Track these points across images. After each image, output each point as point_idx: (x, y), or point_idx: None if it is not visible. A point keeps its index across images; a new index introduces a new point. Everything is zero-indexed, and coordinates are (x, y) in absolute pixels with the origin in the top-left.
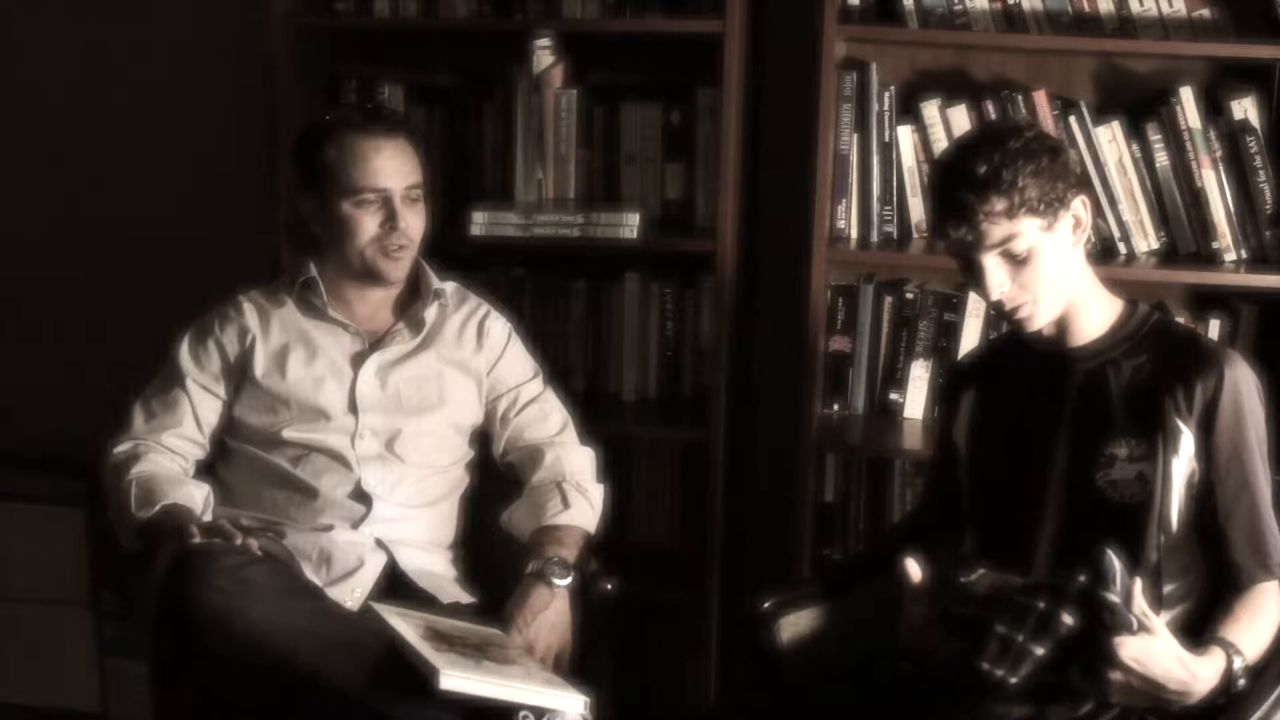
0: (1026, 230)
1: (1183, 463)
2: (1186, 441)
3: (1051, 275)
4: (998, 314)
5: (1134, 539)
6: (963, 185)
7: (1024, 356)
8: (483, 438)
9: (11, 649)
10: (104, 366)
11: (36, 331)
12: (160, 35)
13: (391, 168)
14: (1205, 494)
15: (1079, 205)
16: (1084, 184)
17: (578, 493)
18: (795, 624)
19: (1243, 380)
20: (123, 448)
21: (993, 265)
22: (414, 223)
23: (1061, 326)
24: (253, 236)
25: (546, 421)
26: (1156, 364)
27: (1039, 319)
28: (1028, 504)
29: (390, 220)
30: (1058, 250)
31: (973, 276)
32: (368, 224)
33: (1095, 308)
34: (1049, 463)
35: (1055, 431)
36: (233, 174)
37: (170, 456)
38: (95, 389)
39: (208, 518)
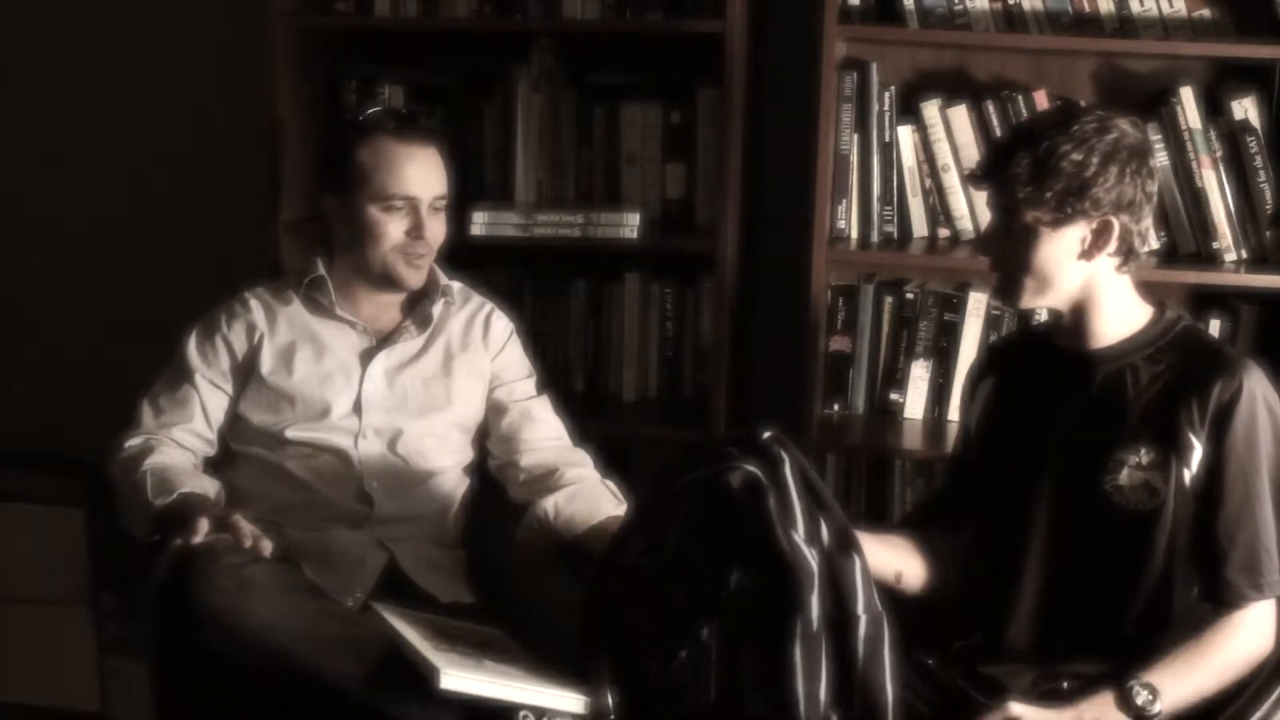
0: (1026, 213)
1: (1193, 474)
2: (1197, 455)
3: (1040, 268)
4: None
5: (1139, 547)
6: (1013, 135)
7: (1046, 353)
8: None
9: (11, 649)
10: (104, 366)
11: (37, 331)
12: (160, 35)
13: (423, 176)
14: (1207, 506)
15: (1104, 227)
16: (1127, 209)
17: (613, 495)
18: None
19: (1261, 395)
20: (134, 442)
21: (993, 221)
22: (437, 231)
23: (1078, 326)
24: (253, 236)
25: (543, 423)
26: (1176, 372)
27: (1016, 298)
28: (1028, 500)
29: (416, 229)
30: (1057, 251)
31: None
32: (393, 230)
33: (1116, 313)
34: (1055, 461)
35: (1067, 431)
36: (233, 174)
37: (181, 451)
38: (95, 389)
39: None
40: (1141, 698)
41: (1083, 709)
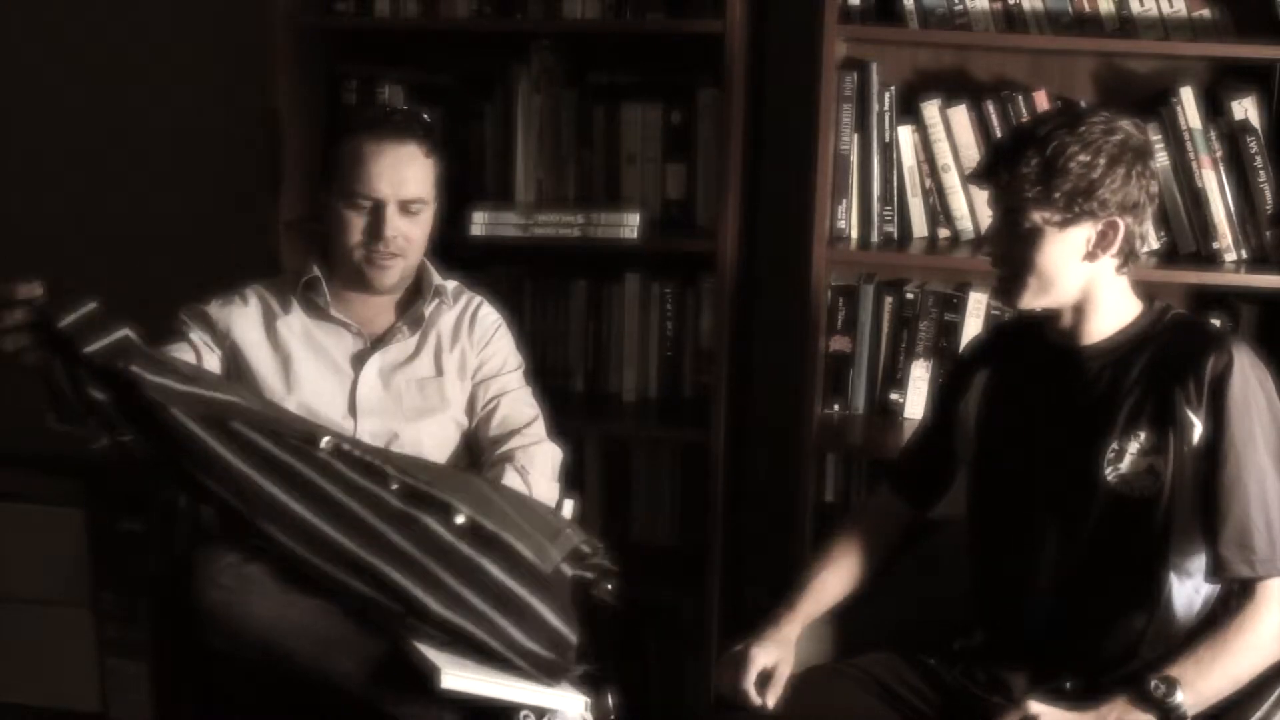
0: (1032, 214)
1: (1193, 449)
2: (1197, 431)
3: (1044, 268)
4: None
5: (1146, 532)
6: (1020, 135)
7: (1039, 346)
8: None
9: (11, 649)
10: None
11: None
12: (160, 35)
13: (389, 176)
14: (1206, 483)
15: (1109, 228)
16: (1132, 210)
17: (516, 474)
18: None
19: (1251, 368)
20: None
21: (996, 221)
22: (409, 232)
23: (1074, 324)
24: (253, 236)
25: (514, 415)
26: (1168, 353)
27: (1017, 298)
28: (1033, 496)
29: (373, 228)
30: (1062, 252)
31: None
32: (355, 228)
33: (1112, 310)
34: (1056, 456)
35: (1064, 424)
36: (233, 174)
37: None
38: None
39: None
40: (1160, 691)
41: (1104, 710)
